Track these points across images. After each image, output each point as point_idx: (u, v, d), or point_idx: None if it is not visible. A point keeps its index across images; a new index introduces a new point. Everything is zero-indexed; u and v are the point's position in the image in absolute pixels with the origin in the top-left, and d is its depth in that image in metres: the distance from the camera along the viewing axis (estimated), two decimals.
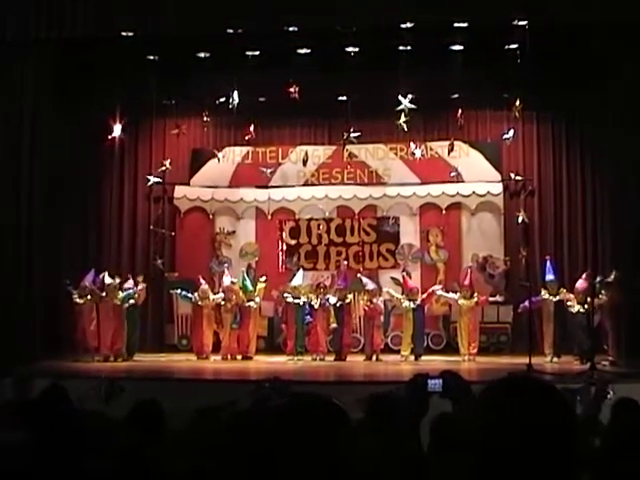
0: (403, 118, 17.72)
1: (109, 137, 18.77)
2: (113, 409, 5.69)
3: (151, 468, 3.45)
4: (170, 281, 19.34)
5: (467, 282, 17.45)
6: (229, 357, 17.48)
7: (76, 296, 17.24)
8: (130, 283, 17.66)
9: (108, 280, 17.45)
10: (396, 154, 19.51)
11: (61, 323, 17.74)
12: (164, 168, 19.47)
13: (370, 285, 17.65)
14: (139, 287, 17.63)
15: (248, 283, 17.88)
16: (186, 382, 13.37)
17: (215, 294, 17.99)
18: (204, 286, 17.90)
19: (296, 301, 17.40)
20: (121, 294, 17.28)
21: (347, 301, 17.44)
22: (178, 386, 12.36)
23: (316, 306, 17.36)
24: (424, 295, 17.42)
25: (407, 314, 17.25)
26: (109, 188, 20.05)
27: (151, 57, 17.80)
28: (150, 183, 19.57)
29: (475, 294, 17.29)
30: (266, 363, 16.92)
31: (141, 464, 3.51)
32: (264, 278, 17.98)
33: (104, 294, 17.29)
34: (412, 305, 17.15)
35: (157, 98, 18.52)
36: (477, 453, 1.85)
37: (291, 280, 17.93)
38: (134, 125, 19.75)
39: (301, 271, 18.39)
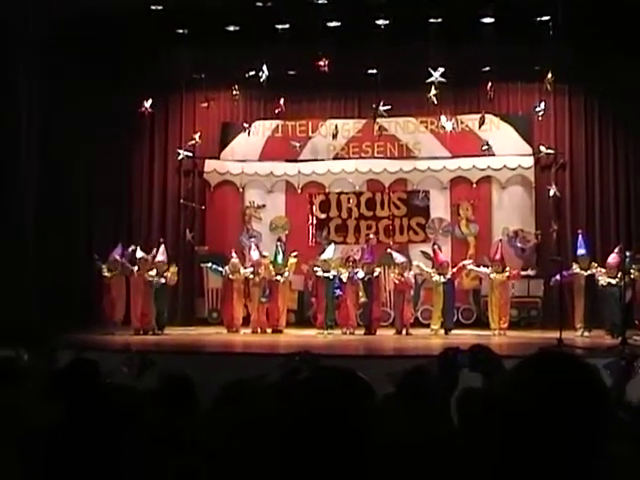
0: (433, 91, 17.63)
1: (139, 111, 18.83)
2: (143, 383, 5.70)
3: (180, 442, 3.45)
4: (200, 255, 19.39)
5: (498, 256, 17.38)
6: (259, 330, 17.52)
7: (104, 270, 17.31)
8: (162, 253, 17.61)
9: (140, 254, 17.50)
10: (426, 127, 19.41)
11: (90, 297, 17.85)
12: (194, 142, 19.51)
13: (400, 259, 17.61)
14: (171, 270, 17.60)
15: (279, 257, 17.89)
16: (216, 355, 13.40)
17: (245, 268, 18.01)
18: (234, 260, 17.94)
19: (326, 275, 17.39)
20: (153, 275, 17.25)
21: (375, 275, 17.39)
22: (208, 359, 12.40)
23: (345, 280, 17.35)
24: (454, 269, 17.36)
25: (437, 288, 17.21)
26: (139, 162, 20.12)
27: (181, 31, 17.78)
28: (180, 157, 19.62)
29: (506, 268, 17.22)
30: (296, 337, 16.95)
31: (171, 438, 3.51)
32: (295, 253, 17.97)
33: (135, 268, 17.35)
34: (442, 279, 17.10)
35: (187, 72, 18.53)
36: (506, 428, 1.83)
37: (321, 254, 17.91)
38: (164, 99, 19.79)
39: (332, 245, 18.37)
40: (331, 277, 17.38)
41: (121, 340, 16.07)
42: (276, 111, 19.02)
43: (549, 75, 17.54)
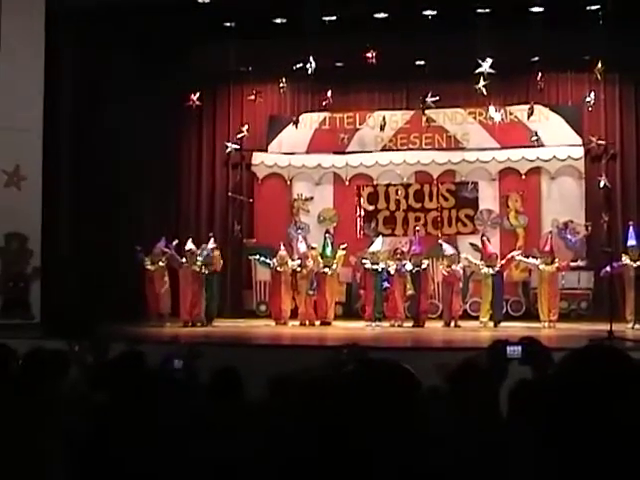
0: (482, 82, 17.52)
1: (187, 105, 18.94)
2: (191, 374, 5.72)
3: (227, 433, 3.46)
4: (248, 247, 19.45)
5: (547, 248, 17.22)
6: (307, 323, 17.53)
7: (147, 262, 17.40)
8: (211, 244, 17.66)
9: (189, 246, 17.57)
10: (475, 118, 19.28)
11: (138, 289, 17.98)
12: (242, 135, 19.58)
13: (450, 250, 17.52)
14: (215, 254, 17.65)
15: (328, 249, 17.89)
16: (264, 348, 13.44)
17: (293, 260, 18.03)
18: (282, 252, 17.96)
19: (374, 267, 17.35)
20: (199, 259, 17.34)
21: (423, 267, 17.31)
22: (256, 352, 12.43)
23: (393, 272, 17.30)
24: (503, 261, 17.23)
25: (486, 280, 17.09)
26: (187, 155, 20.26)
27: (228, 24, 17.83)
28: (228, 150, 19.70)
29: (556, 260, 17.06)
30: (344, 329, 16.94)
31: (217, 429, 3.52)
32: (344, 245, 17.96)
33: (184, 260, 17.43)
34: (491, 271, 16.98)
35: (234, 65, 18.60)
36: (555, 421, 1.80)
37: (369, 246, 17.88)
38: (212, 92, 19.91)
39: (380, 237, 18.33)
40: (379, 269, 17.33)
41: (170, 332, 16.18)
42: (323, 103, 19.04)
43: (599, 64, 17.34)
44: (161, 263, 17.40)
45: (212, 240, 17.79)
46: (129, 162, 18.73)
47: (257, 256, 18.54)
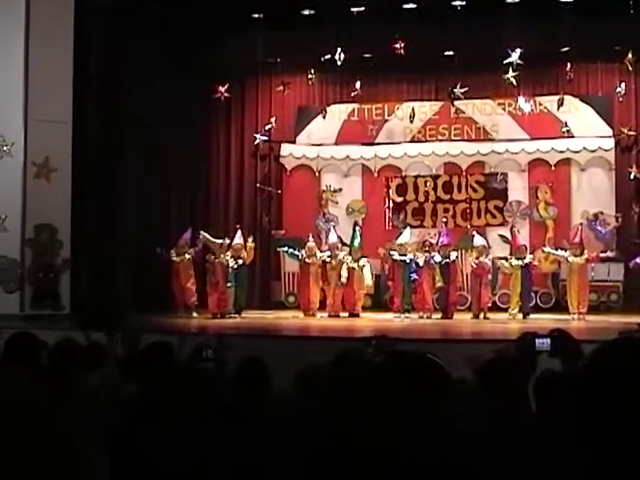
0: (511, 72, 17.42)
1: (215, 96, 18.97)
2: (219, 365, 5.74)
3: (255, 425, 3.47)
4: (277, 239, 19.48)
5: (577, 239, 17.12)
6: (335, 314, 17.52)
7: (173, 254, 17.42)
8: (239, 237, 17.65)
9: (217, 239, 17.57)
10: (504, 109, 19.18)
11: (165, 281, 18.04)
12: (270, 126, 19.58)
13: (481, 242, 17.44)
14: (248, 245, 17.64)
15: (357, 241, 17.88)
16: (292, 339, 13.45)
17: (321, 252, 18.04)
18: (311, 243, 17.96)
19: (402, 259, 17.31)
20: (229, 258, 17.28)
21: (452, 259, 17.27)
22: (284, 343, 12.45)
23: (421, 264, 17.25)
24: (531, 256, 17.12)
25: (515, 272, 17.02)
26: (216, 147, 20.29)
27: (256, 15, 17.83)
28: (257, 141, 19.71)
29: (585, 251, 16.95)
30: (372, 321, 16.93)
31: (244, 421, 3.53)
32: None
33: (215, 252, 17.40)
34: (520, 263, 16.90)
35: (263, 56, 18.60)
36: (584, 414, 1.79)
37: (398, 237, 17.85)
38: (240, 84, 19.92)
39: (408, 228, 18.30)
40: (407, 261, 17.29)
41: (198, 323, 16.23)
42: (352, 94, 19.01)
43: (630, 55, 17.21)
44: (187, 255, 17.39)
45: (239, 233, 17.77)
46: (157, 154, 18.79)
47: (285, 248, 18.57)
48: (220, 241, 17.51)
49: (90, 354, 5.85)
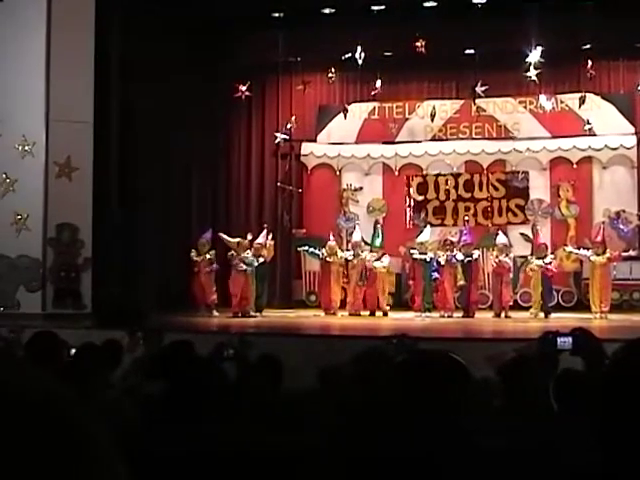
0: (532, 70, 17.36)
1: (235, 95, 19.00)
2: (241, 365, 5.76)
3: (276, 426, 3.48)
4: (297, 238, 19.50)
5: (599, 238, 17.04)
6: (356, 313, 17.50)
7: (193, 254, 17.41)
8: (262, 236, 17.63)
9: (237, 238, 17.57)
10: (525, 107, 19.13)
11: (186, 280, 18.08)
12: (291, 125, 19.60)
13: (503, 240, 17.37)
14: (267, 243, 17.63)
15: (378, 240, 17.88)
16: (313, 338, 13.45)
17: (342, 251, 18.03)
18: (332, 242, 17.96)
19: (423, 257, 17.28)
20: (249, 256, 17.26)
21: (475, 257, 17.23)
22: (305, 342, 12.45)
23: (443, 262, 17.21)
24: (552, 255, 17.04)
25: (535, 271, 16.95)
26: (237, 145, 20.32)
27: (277, 14, 17.85)
28: (277, 140, 19.74)
29: (607, 250, 16.87)
30: (393, 319, 16.91)
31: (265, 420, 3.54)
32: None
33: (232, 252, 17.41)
34: (540, 262, 16.83)
35: (283, 55, 18.62)
36: (607, 415, 1.78)
37: (418, 236, 17.83)
38: (261, 82, 19.95)
39: (428, 227, 18.29)
40: (428, 260, 17.27)
41: (219, 322, 16.24)
42: (372, 93, 19.01)
43: None
44: (208, 255, 17.38)
45: (264, 232, 17.73)
46: (178, 152, 18.85)
47: (306, 247, 18.57)
48: (238, 240, 17.49)
49: (112, 353, 5.88)
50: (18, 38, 15.84)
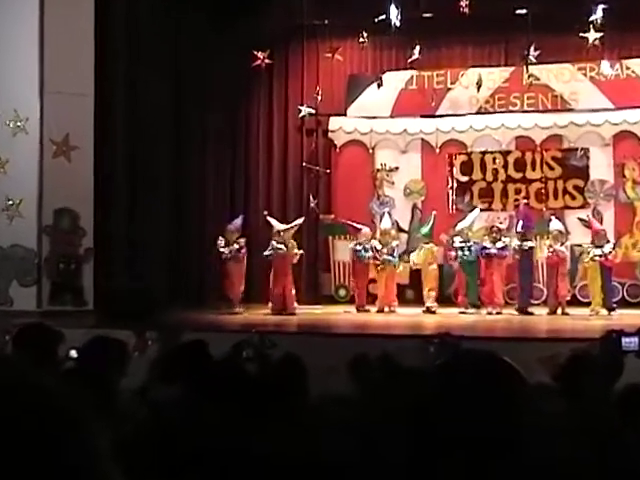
0: (593, 32, 17.25)
1: (255, 63, 18.99)
2: (262, 366, 5.79)
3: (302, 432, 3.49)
4: (325, 224, 19.51)
5: None
6: (390, 309, 17.46)
7: (221, 243, 17.32)
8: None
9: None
10: (585, 75, 19.01)
11: (205, 273, 18.12)
12: (317, 97, 19.57)
13: (557, 227, 17.28)
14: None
15: (426, 228, 17.85)
16: (344, 337, 13.48)
17: (376, 239, 18.02)
18: (365, 229, 17.93)
19: (467, 246, 17.23)
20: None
21: (529, 246, 17.15)
22: (336, 341, 12.47)
23: (494, 252, 17.14)
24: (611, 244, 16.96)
25: (594, 262, 16.86)
26: (256, 121, 20.31)
27: None
28: (302, 114, 19.73)
29: None
30: (435, 316, 16.91)
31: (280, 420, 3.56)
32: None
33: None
34: (599, 251, 16.72)
35: (308, 18, 18.59)
36: None
37: (462, 222, 17.79)
38: (283, 49, 19.93)
39: (475, 211, 18.26)
40: (472, 249, 17.22)
41: (239, 320, 16.23)
42: (410, 60, 18.93)
43: None
44: (236, 245, 17.36)
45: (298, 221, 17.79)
46: (191, 130, 18.90)
47: (358, 248, 18.19)
48: (284, 226, 17.45)
49: (119, 354, 5.91)
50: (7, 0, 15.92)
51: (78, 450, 0.93)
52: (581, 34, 17.48)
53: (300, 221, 17.94)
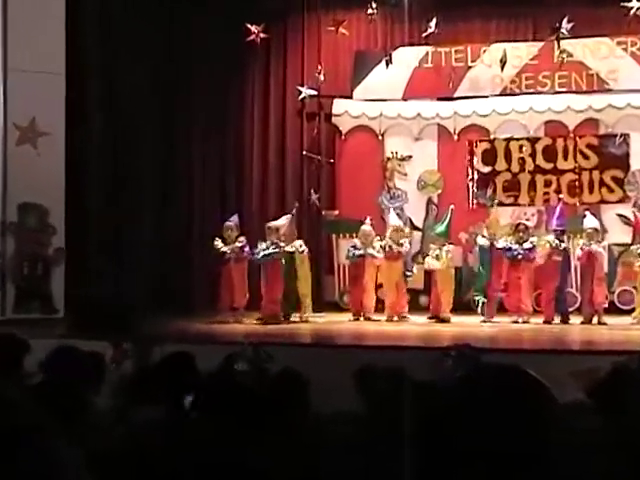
0: (636, 1, 17.26)
1: (249, 38, 18.99)
2: (255, 381, 5.80)
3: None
4: (328, 221, 19.51)
5: None
6: (400, 317, 17.44)
7: (218, 242, 17.12)
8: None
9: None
10: (625, 50, 18.99)
11: (187, 275, 18.12)
12: (319, 76, 19.56)
13: (592, 223, 17.26)
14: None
15: (442, 226, 17.84)
16: (350, 349, 13.49)
17: (382, 238, 17.96)
18: (367, 227, 17.82)
19: (492, 245, 17.25)
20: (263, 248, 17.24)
21: (563, 246, 17.14)
22: (340, 354, 12.48)
23: (520, 253, 17.14)
24: None
25: (636, 262, 16.88)
26: (250, 103, 20.30)
27: None
28: (302, 96, 19.73)
29: None
30: (452, 325, 16.90)
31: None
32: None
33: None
34: None
35: None
36: None
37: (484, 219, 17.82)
38: (281, 22, 19.93)
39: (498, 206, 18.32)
40: (497, 247, 17.25)
41: (235, 329, 16.20)
42: (424, 35, 18.93)
43: None
44: (237, 243, 17.26)
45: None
46: (176, 114, 18.91)
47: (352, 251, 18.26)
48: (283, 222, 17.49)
49: (92, 369, 5.91)
50: None
51: (39, 460, 0.95)
52: (622, 3, 17.47)
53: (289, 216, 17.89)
